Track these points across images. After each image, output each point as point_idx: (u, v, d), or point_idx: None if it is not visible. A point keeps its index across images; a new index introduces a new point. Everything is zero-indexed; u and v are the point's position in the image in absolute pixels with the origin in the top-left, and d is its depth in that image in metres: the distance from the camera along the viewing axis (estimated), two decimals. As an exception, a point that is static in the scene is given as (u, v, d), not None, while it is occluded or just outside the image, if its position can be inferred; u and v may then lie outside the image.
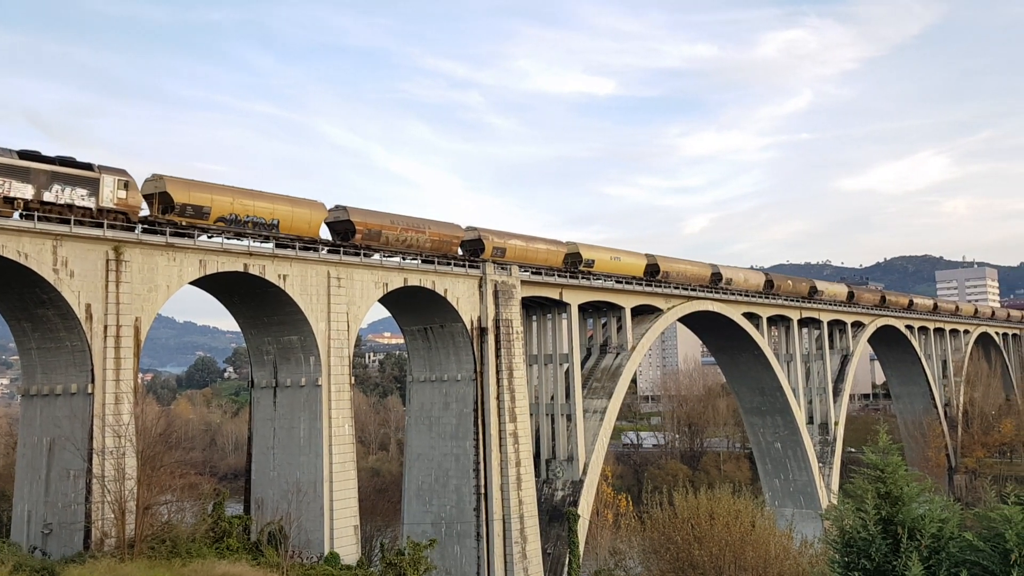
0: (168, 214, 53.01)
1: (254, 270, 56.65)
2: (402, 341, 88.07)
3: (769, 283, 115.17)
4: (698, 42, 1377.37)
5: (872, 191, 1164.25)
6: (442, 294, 69.89)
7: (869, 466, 14.51)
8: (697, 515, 49.29)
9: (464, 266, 72.24)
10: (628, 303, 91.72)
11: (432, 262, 69.68)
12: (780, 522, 65.13)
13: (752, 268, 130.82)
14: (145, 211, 52.79)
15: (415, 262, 68.43)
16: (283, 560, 47.40)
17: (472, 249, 75.25)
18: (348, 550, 57.51)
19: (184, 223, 53.54)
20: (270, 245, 58.40)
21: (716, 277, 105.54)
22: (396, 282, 66.64)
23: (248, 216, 56.33)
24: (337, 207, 64.37)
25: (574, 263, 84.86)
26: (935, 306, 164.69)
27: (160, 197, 53.12)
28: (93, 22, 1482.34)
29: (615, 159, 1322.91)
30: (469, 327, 71.93)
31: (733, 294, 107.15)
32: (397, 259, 67.65)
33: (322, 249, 61.33)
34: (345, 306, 61.88)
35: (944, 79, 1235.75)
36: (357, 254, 63.84)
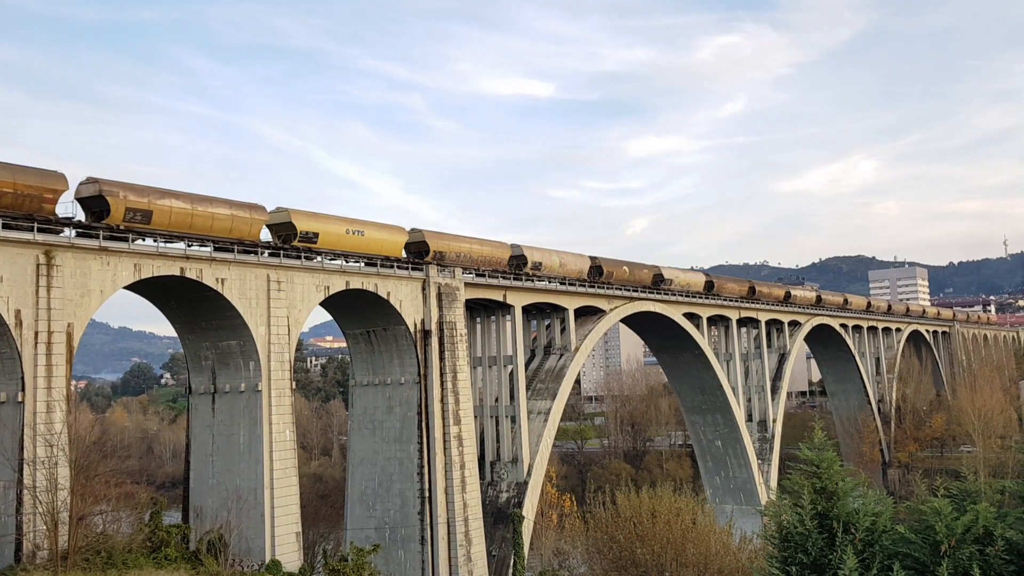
0: None
1: (191, 274, 55.59)
2: (344, 345, 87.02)
3: (596, 269, 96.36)
4: (636, 46, 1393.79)
5: (807, 193, 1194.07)
6: (385, 297, 69.42)
7: (805, 462, 14.82)
8: (639, 514, 49.72)
9: (408, 268, 71.07)
10: (571, 304, 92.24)
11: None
12: (720, 519, 66.03)
13: (692, 268, 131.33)
14: None
15: (358, 264, 67.81)
16: (223, 569, 46.59)
17: (96, 211, 52.31)
18: (290, 557, 56.75)
19: None
20: (208, 248, 57.38)
21: (519, 260, 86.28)
22: (338, 285, 65.98)
23: None
24: None
25: (286, 237, 63.97)
26: (819, 296, 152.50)
27: None
28: (18, 20, 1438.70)
29: (557, 162, 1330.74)
30: (412, 330, 71.56)
31: (543, 280, 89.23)
32: (339, 261, 66.91)
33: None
34: (285, 310, 61.07)
35: (874, 84, 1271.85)
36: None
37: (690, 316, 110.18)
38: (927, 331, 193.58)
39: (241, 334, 59.13)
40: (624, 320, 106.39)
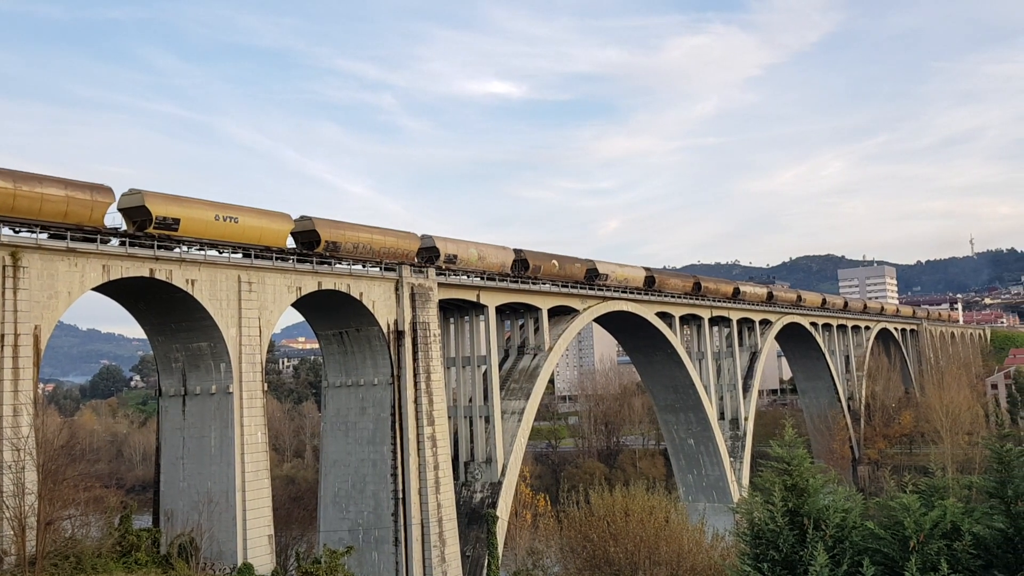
0: None
1: (160, 275, 55.04)
2: (317, 346, 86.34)
3: (522, 263, 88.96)
4: (607, 47, 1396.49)
5: (777, 193, 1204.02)
6: (357, 298, 69.11)
7: (776, 460, 14.91)
8: (612, 512, 49.96)
9: (380, 269, 71.10)
10: (544, 304, 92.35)
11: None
12: (693, 516, 66.45)
13: (664, 268, 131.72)
14: None
15: (327, 266, 67.48)
16: (194, 572, 46.21)
17: None
18: (262, 560, 56.36)
19: None
20: (178, 249, 56.86)
21: (430, 252, 78.08)
22: (310, 286, 65.58)
23: None
24: None
25: (141, 223, 56.46)
26: (770, 293, 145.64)
27: None
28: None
29: (530, 162, 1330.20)
30: (386, 331, 71.30)
31: (459, 274, 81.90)
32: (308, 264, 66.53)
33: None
34: (257, 311, 60.62)
35: (842, 85, 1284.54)
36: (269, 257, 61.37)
37: (663, 315, 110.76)
38: (895, 329, 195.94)
39: (212, 336, 58.62)
40: (597, 320, 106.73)
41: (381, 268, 71.74)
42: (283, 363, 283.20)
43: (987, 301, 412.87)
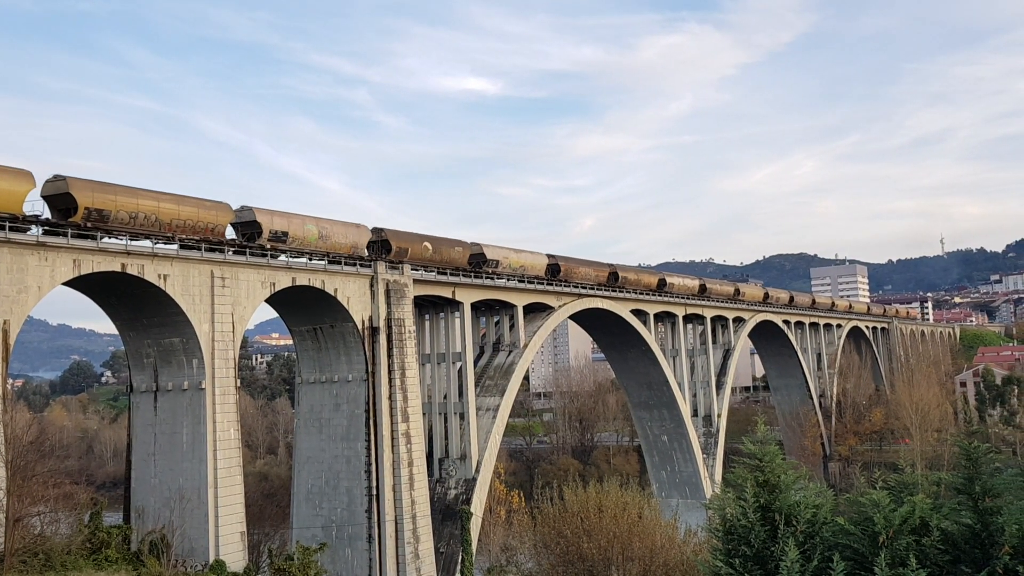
0: None
1: (132, 270, 54.49)
2: (291, 342, 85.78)
3: (382, 244, 76.47)
4: (583, 45, 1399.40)
5: (751, 192, 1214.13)
6: (332, 294, 68.78)
7: (749, 456, 15.03)
8: (586, 508, 50.02)
9: (355, 265, 70.79)
10: (520, 300, 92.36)
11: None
12: (666, 513, 66.70)
13: (640, 266, 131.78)
14: None
15: (303, 260, 67.07)
16: (165, 570, 45.83)
17: None
18: (235, 557, 56.01)
19: None
20: (149, 243, 56.27)
21: (249, 228, 64.55)
22: (284, 282, 65.16)
23: None
24: None
25: None
26: (703, 286, 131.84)
27: None
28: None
29: (506, 159, 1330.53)
30: (360, 327, 71.02)
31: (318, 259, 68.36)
32: (284, 257, 66.07)
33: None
34: (230, 307, 60.18)
35: (815, 85, 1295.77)
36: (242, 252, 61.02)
37: (637, 312, 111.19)
38: (867, 327, 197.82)
39: (184, 331, 58.13)
40: (573, 317, 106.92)
41: (237, 254, 60.84)
42: (256, 359, 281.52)
43: (956, 300, 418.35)
